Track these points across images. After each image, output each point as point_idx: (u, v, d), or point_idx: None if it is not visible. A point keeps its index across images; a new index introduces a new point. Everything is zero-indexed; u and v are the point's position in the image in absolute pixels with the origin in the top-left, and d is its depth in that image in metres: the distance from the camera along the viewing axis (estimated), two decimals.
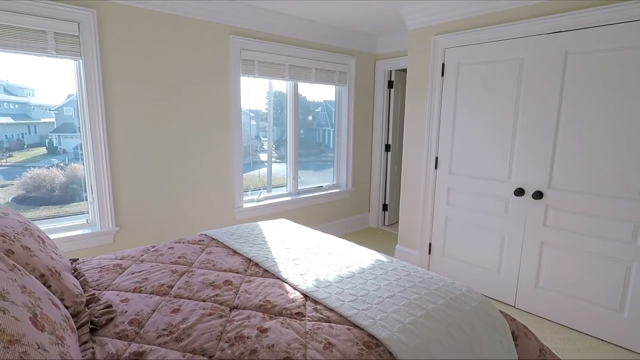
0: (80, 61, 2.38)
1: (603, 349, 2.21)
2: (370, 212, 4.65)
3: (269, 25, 3.26)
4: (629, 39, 2.08)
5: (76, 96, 2.49)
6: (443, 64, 2.98)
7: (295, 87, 3.74)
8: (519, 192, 2.58)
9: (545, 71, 2.41)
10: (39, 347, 0.67)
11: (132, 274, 1.56)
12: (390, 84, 4.39)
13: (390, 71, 4.34)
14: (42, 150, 2.70)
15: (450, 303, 1.32)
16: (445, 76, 2.98)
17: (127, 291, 1.42)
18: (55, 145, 2.73)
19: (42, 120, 2.71)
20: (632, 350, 2.19)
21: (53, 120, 2.73)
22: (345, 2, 2.94)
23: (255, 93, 3.73)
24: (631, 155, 2.12)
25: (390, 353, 1.07)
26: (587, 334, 2.36)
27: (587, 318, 2.35)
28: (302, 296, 1.37)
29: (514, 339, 1.36)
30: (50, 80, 2.55)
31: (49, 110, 2.73)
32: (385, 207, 4.62)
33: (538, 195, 2.49)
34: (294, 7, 3.05)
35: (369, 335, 1.13)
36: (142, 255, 1.77)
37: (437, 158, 3.10)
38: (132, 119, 2.63)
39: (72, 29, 2.29)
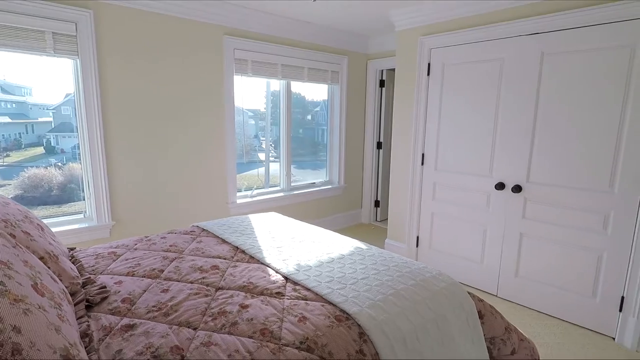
0: (78, 60, 2.47)
1: (577, 333, 2.32)
2: (362, 208, 4.76)
3: (262, 26, 3.36)
4: (598, 41, 2.20)
5: (74, 95, 2.58)
6: (429, 64, 3.09)
7: (288, 86, 3.85)
8: (500, 186, 2.69)
9: (524, 71, 2.52)
10: (39, 307, 0.77)
11: (126, 260, 1.66)
12: (381, 83, 4.50)
13: (382, 70, 4.45)
14: (40, 149, 2.74)
15: (419, 284, 1.42)
16: (431, 76, 3.09)
17: (120, 275, 1.52)
18: (52, 144, 2.78)
19: (40, 119, 2.75)
20: (602, 334, 2.31)
21: (51, 119, 2.78)
22: (336, 4, 3.04)
23: (253, 92, 3.84)
24: (601, 150, 2.23)
25: (359, 325, 1.17)
26: (562, 320, 2.47)
27: (563, 305, 2.46)
28: (283, 278, 1.48)
29: (481, 317, 1.47)
30: (47, 80, 2.63)
31: (47, 109, 2.77)
32: (377, 204, 4.73)
33: (517, 189, 2.60)
34: (286, 8, 3.15)
35: (341, 310, 1.24)
36: (136, 245, 1.87)
37: (423, 155, 3.20)
38: (128, 118, 2.73)
39: (69, 29, 2.39)
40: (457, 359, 1.32)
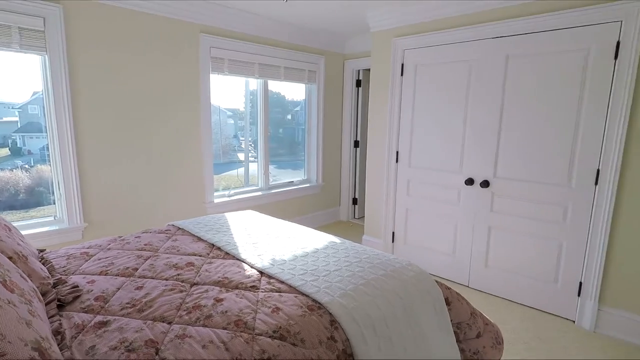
0: (46, 56, 2.41)
1: (541, 317, 2.47)
2: (340, 205, 4.82)
3: (239, 25, 3.36)
4: (557, 45, 2.34)
5: (42, 94, 2.51)
6: (402, 65, 3.18)
7: (265, 85, 3.86)
8: (469, 181, 2.81)
9: (490, 73, 2.64)
10: (9, 303, 0.78)
11: (99, 260, 1.65)
12: (358, 83, 4.58)
13: (358, 70, 4.53)
14: (5, 151, 2.63)
15: (389, 274, 1.49)
16: (405, 76, 3.18)
17: (93, 274, 1.51)
18: (19, 145, 2.67)
19: (4, 119, 2.65)
20: (563, 317, 2.46)
21: (16, 119, 2.66)
22: (313, 5, 3.08)
23: (232, 92, 3.83)
24: (560, 146, 2.37)
25: (330, 314, 1.22)
26: (528, 306, 2.61)
27: (528, 292, 2.60)
28: (258, 273, 1.51)
29: (448, 304, 1.55)
30: (13, 77, 2.54)
31: (12, 108, 2.66)
32: (355, 201, 4.81)
33: (485, 184, 2.72)
34: (263, 7, 3.17)
35: (313, 300, 1.28)
36: (109, 244, 1.86)
37: (397, 152, 3.29)
38: (101, 116, 2.68)
39: (37, 24, 2.33)
40: (425, 343, 1.39)
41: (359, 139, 4.67)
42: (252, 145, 4.05)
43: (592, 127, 2.25)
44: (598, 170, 2.25)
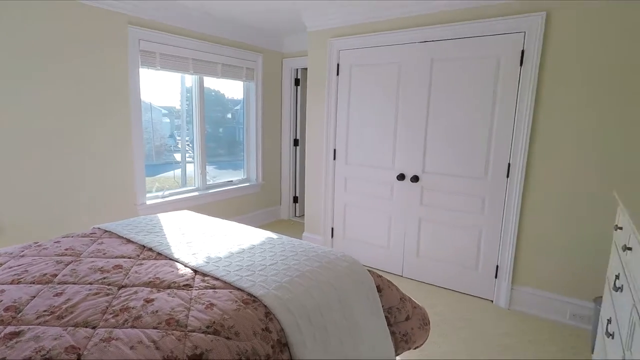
0: None
1: (464, 299, 2.72)
2: (281, 204, 4.84)
3: (171, 18, 3.23)
4: (472, 51, 2.58)
5: None
6: (338, 65, 3.28)
7: (201, 82, 3.75)
8: (401, 177, 2.99)
9: (417, 74, 2.84)
10: None
11: (10, 268, 1.50)
12: (296, 82, 4.62)
13: (297, 69, 4.57)
14: None
15: (324, 265, 1.55)
16: (340, 75, 3.28)
17: (3, 284, 1.37)
18: None
19: None
20: (484, 298, 2.74)
21: None
22: (246, 2, 3.05)
23: (167, 89, 3.65)
24: (478, 143, 2.63)
25: (265, 306, 1.25)
26: (453, 290, 2.86)
27: (453, 277, 2.85)
28: (192, 272, 1.48)
29: (379, 290, 1.65)
30: None
31: None
32: (295, 199, 4.85)
33: (415, 179, 2.92)
34: (195, 1, 3.07)
35: (248, 294, 1.30)
36: (23, 251, 1.69)
37: (335, 150, 3.40)
38: (11, 111, 2.41)
39: None
40: (359, 330, 1.47)
41: (298, 137, 4.72)
42: (190, 145, 3.91)
43: (503, 126, 2.53)
44: (509, 165, 2.53)
